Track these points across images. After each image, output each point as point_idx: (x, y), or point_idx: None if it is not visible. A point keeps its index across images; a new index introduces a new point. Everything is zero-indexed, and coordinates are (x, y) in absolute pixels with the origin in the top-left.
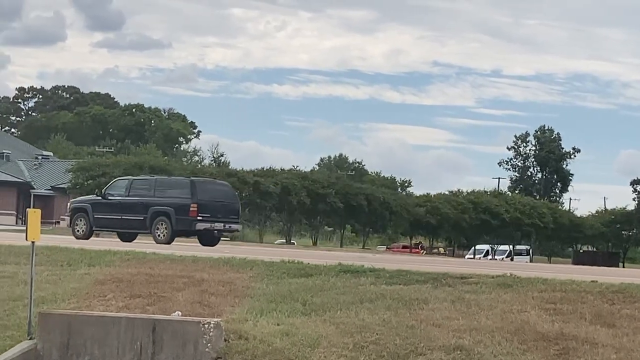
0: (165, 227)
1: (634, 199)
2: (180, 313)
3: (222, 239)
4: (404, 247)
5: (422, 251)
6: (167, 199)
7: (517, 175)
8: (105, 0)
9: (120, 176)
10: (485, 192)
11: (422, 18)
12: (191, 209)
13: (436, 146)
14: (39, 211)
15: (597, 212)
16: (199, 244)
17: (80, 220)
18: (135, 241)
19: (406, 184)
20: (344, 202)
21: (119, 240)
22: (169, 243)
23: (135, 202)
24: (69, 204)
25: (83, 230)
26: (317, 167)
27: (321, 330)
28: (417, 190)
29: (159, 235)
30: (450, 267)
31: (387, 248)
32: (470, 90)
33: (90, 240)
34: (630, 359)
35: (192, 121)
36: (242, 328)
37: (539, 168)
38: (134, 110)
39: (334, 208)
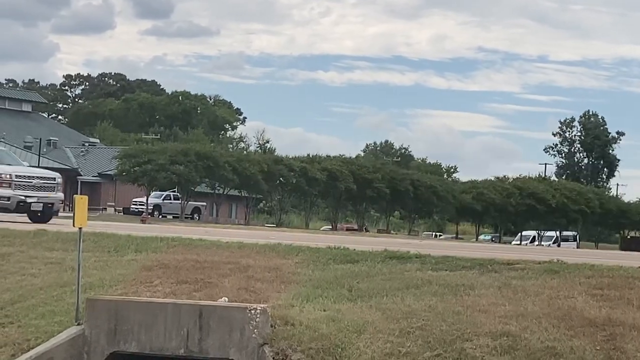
0: None
1: None
2: (226, 299)
3: (267, 224)
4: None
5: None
6: None
7: (564, 161)
8: None
9: (164, 163)
10: (531, 177)
11: (466, 3)
12: None
13: (483, 132)
14: (86, 198)
15: None
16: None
17: None
18: (182, 227)
19: (452, 170)
20: (390, 187)
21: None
22: None
23: None
24: None
25: None
26: (363, 154)
27: (367, 316)
28: (463, 176)
29: None
30: (497, 253)
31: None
32: (516, 76)
33: (136, 226)
34: None
35: (237, 108)
36: (288, 314)
37: (585, 154)
38: (180, 97)
39: (381, 194)
